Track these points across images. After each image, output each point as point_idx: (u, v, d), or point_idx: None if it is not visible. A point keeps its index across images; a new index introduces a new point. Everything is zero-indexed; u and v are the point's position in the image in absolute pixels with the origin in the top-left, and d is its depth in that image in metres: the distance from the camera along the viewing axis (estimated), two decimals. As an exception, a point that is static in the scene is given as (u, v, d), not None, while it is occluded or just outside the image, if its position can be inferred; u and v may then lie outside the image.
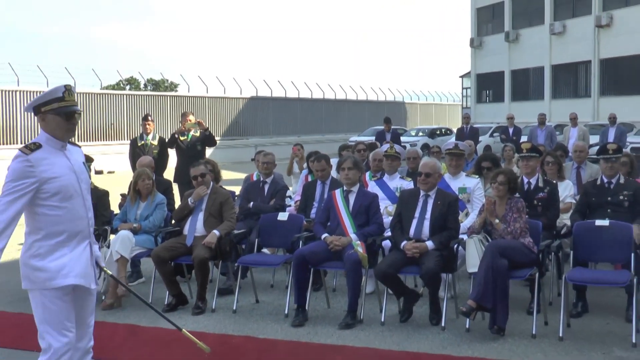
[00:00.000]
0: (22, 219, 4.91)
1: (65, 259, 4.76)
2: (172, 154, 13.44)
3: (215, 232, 8.55)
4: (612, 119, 22.15)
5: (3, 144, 29.78)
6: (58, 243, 4.75)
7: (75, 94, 5.06)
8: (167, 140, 13.44)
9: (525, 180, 8.73)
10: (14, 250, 12.52)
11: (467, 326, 7.44)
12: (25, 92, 30.90)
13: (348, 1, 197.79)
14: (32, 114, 4.91)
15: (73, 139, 5.01)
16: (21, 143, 29.93)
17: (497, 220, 7.62)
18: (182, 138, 13.15)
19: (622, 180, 8.47)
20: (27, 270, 4.78)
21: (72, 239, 4.82)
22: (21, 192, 4.59)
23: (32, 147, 4.69)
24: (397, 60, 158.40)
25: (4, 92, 30.32)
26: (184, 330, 5.78)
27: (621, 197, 8.29)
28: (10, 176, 4.62)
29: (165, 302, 8.51)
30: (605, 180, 8.47)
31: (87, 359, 5.08)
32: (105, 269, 5.38)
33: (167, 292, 8.61)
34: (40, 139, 4.80)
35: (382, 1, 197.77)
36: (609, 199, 8.34)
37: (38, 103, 4.81)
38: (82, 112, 4.87)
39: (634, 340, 6.83)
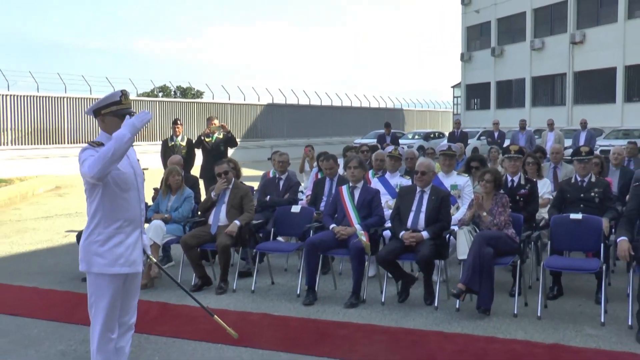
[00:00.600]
0: (84, 209, 5.02)
1: (121, 248, 4.81)
2: (199, 153, 13.48)
3: (236, 222, 8.57)
4: (583, 124, 22.17)
5: (51, 143, 29.84)
6: (115, 229, 4.80)
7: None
8: (194, 141, 13.49)
9: (509, 178, 8.73)
10: (61, 237, 12.67)
11: (457, 306, 7.46)
12: (71, 99, 30.97)
13: (356, 23, 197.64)
14: (92, 116, 4.94)
15: None
16: (67, 143, 30.05)
17: (484, 214, 7.64)
18: (207, 140, 13.20)
19: (593, 179, 8.51)
20: (87, 254, 4.82)
21: (128, 227, 4.86)
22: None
23: (97, 143, 4.75)
24: (396, 71, 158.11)
25: (53, 99, 30.38)
26: (215, 316, 5.80)
27: (592, 194, 8.34)
28: (86, 154, 4.62)
29: (192, 283, 8.54)
30: (579, 178, 8.50)
31: (130, 333, 5.12)
32: (150, 256, 5.41)
33: (194, 274, 8.64)
34: (101, 138, 4.85)
35: (383, 24, 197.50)
36: (582, 195, 8.36)
37: (98, 106, 4.87)
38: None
39: (602, 320, 6.87)
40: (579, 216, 7.74)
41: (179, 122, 13.36)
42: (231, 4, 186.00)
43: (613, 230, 7.75)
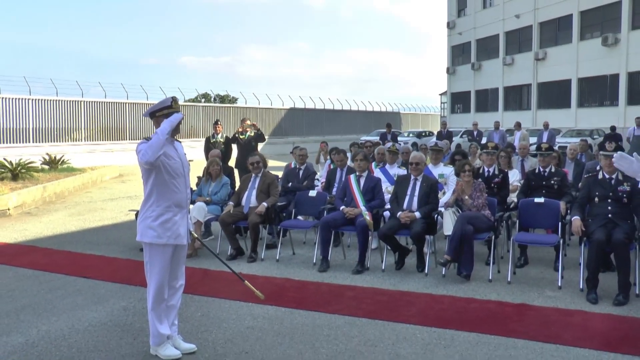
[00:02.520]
0: (141, 193, 5.05)
1: (169, 224, 4.85)
2: (234, 148, 13.49)
3: (264, 204, 8.55)
4: (546, 126, 22.05)
5: (115, 140, 29.96)
6: (165, 208, 4.84)
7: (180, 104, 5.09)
8: (230, 138, 13.49)
9: (486, 169, 8.67)
10: (123, 215, 12.69)
11: (443, 273, 7.42)
12: (132, 104, 31.03)
13: (362, 42, 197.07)
14: (148, 118, 4.97)
15: (178, 136, 5.06)
16: (128, 140, 30.17)
17: (465, 197, 7.59)
18: (241, 137, 13.21)
19: (553, 170, 8.52)
20: (142, 227, 4.88)
21: (176, 207, 4.89)
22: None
23: (149, 139, 4.75)
24: (395, 82, 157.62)
25: (117, 104, 30.46)
26: (245, 281, 5.77)
27: (552, 182, 8.38)
28: (143, 146, 4.67)
29: (229, 253, 8.52)
30: (541, 169, 8.50)
31: (178, 294, 5.12)
32: (192, 232, 5.40)
33: (230, 246, 8.62)
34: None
35: (385, 43, 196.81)
36: (544, 183, 8.39)
37: (153, 110, 4.92)
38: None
39: (559, 284, 6.89)
40: (541, 200, 7.78)
41: (219, 122, 13.39)
42: (259, 27, 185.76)
43: (568, 211, 7.71)
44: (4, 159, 17.25)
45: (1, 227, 11.28)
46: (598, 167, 7.32)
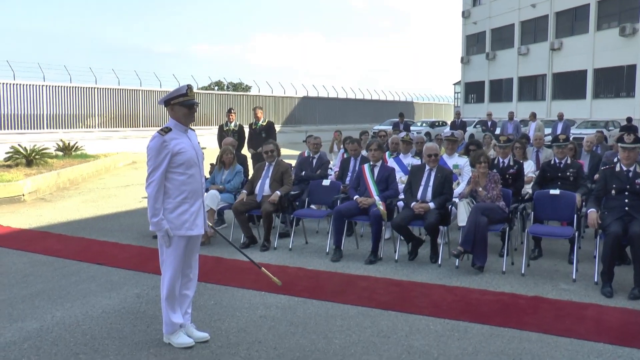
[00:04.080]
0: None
1: (186, 215, 4.83)
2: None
3: (278, 192, 8.54)
4: (560, 117, 21.86)
5: (129, 127, 30.04)
6: (182, 199, 4.82)
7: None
8: (245, 128, 13.46)
9: (501, 160, 8.63)
10: (136, 202, 12.73)
11: (456, 264, 7.40)
12: (145, 91, 31.08)
13: (377, 32, 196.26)
14: (163, 106, 4.94)
15: (192, 124, 5.05)
16: (142, 127, 30.26)
17: (480, 189, 7.56)
18: (254, 126, 13.21)
19: (569, 161, 8.46)
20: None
21: (192, 197, 4.88)
22: (160, 162, 4.70)
23: (165, 130, 4.79)
24: (408, 71, 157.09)
25: (130, 91, 30.52)
26: (262, 268, 5.77)
27: (568, 173, 8.31)
28: (151, 153, 4.73)
29: (241, 241, 8.53)
30: (557, 161, 8.44)
31: (192, 283, 5.13)
32: (207, 221, 5.39)
33: (243, 234, 8.62)
34: (169, 124, 4.87)
35: (399, 34, 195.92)
36: (559, 174, 8.33)
37: (168, 98, 4.88)
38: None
39: (574, 277, 6.84)
40: (556, 191, 7.71)
41: (232, 111, 13.36)
42: (272, 16, 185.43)
43: (584, 203, 7.66)
44: (19, 145, 17.34)
45: (16, 213, 11.36)
46: (615, 159, 7.26)
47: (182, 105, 4.84)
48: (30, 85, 25.97)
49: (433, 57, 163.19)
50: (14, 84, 25.31)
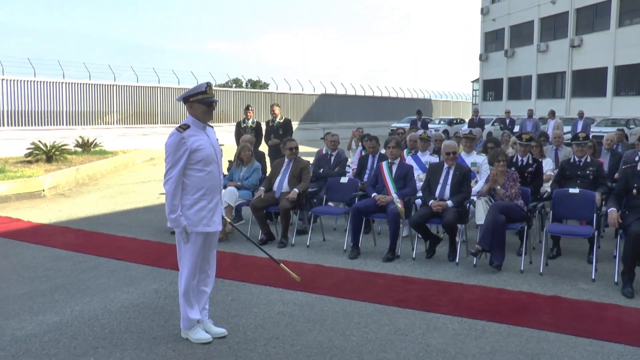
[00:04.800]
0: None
1: (204, 212, 4.85)
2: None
3: (296, 189, 8.55)
4: (580, 115, 21.65)
5: (147, 123, 30.20)
6: (200, 196, 4.84)
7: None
8: (262, 125, 13.47)
9: (519, 158, 8.57)
10: (154, 198, 12.80)
11: (474, 263, 7.37)
12: (163, 88, 31.20)
13: (395, 30, 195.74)
14: (182, 103, 4.97)
15: (210, 121, 5.08)
16: (159, 123, 30.43)
17: (498, 187, 7.52)
18: (271, 123, 13.22)
19: (588, 160, 8.41)
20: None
21: (209, 194, 4.89)
22: (178, 159, 4.72)
23: (184, 127, 4.81)
24: (426, 69, 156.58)
25: (149, 88, 30.64)
26: (281, 264, 5.79)
27: (587, 172, 8.25)
28: (169, 150, 4.76)
29: (259, 238, 8.55)
30: (576, 159, 8.38)
31: (210, 279, 5.15)
32: (225, 217, 5.42)
33: (260, 231, 8.65)
34: (188, 121, 4.89)
35: (417, 31, 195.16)
36: (579, 173, 8.26)
37: (187, 95, 4.89)
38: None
39: (593, 277, 6.78)
40: (576, 190, 7.65)
41: (250, 108, 13.39)
42: (289, 13, 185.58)
43: (604, 202, 7.60)
44: (39, 141, 17.52)
45: (36, 208, 11.48)
46: (637, 158, 7.19)
47: (200, 103, 4.86)
48: (50, 82, 26.19)
49: (451, 54, 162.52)
50: (34, 81, 25.54)
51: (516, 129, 21.33)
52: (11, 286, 6.55)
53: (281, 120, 13.25)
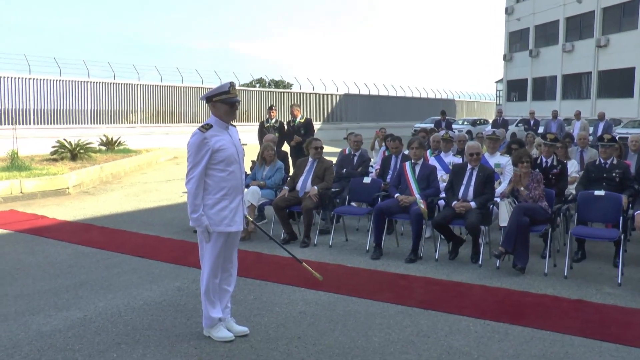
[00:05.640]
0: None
1: (226, 212, 4.87)
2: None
3: (315, 187, 8.61)
4: (601, 116, 21.40)
5: (170, 122, 30.41)
6: (222, 196, 4.86)
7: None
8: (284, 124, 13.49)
9: (544, 159, 8.49)
10: (177, 196, 12.90)
11: (497, 265, 7.32)
12: (187, 88, 31.41)
13: (419, 30, 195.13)
14: (205, 102, 5.00)
15: (233, 121, 5.11)
16: (183, 122, 30.63)
17: (522, 188, 7.47)
18: (292, 123, 13.23)
19: (614, 162, 8.28)
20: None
21: (231, 194, 4.90)
22: (200, 159, 4.75)
23: (206, 127, 4.84)
24: (450, 69, 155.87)
25: (172, 88, 30.85)
26: (303, 263, 5.81)
27: (614, 174, 8.12)
28: (191, 150, 4.79)
29: (281, 237, 8.57)
30: (602, 161, 8.27)
31: (232, 278, 5.18)
32: (247, 216, 5.45)
33: (283, 231, 8.67)
34: (210, 120, 4.92)
35: (441, 31, 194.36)
36: (605, 175, 8.14)
37: (211, 94, 4.93)
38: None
39: (619, 281, 6.69)
40: (601, 193, 7.56)
41: (273, 108, 13.45)
42: (312, 11, 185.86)
43: (630, 205, 7.52)
44: (64, 139, 17.73)
45: (61, 205, 11.62)
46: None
47: (223, 103, 4.88)
48: (75, 81, 26.48)
49: (475, 54, 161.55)
50: (60, 80, 25.85)
51: (540, 130, 21.15)
52: (36, 282, 6.65)
53: (302, 120, 13.27)
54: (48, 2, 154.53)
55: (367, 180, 9.05)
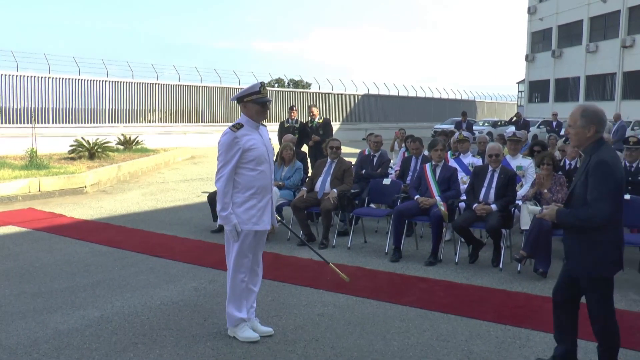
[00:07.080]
0: (213, 175, 5.15)
1: (253, 210, 4.93)
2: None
3: (334, 190, 8.60)
4: (617, 117, 21.19)
5: (188, 122, 30.56)
6: (251, 194, 4.91)
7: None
8: (304, 123, 13.50)
9: (567, 162, 8.44)
10: (195, 196, 12.95)
11: (518, 269, 7.26)
12: (205, 88, 31.53)
13: (438, 29, 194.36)
14: (236, 102, 5.06)
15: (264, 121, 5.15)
16: (201, 122, 30.77)
17: (545, 191, 7.42)
18: (310, 124, 13.24)
19: None
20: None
21: (260, 193, 4.96)
22: (230, 158, 4.82)
23: (237, 127, 4.91)
24: (471, 69, 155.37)
25: (190, 87, 31.01)
26: (330, 264, 5.81)
27: (639, 178, 7.98)
28: (222, 148, 4.86)
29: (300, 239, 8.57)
30: (627, 164, 8.21)
31: (258, 278, 5.21)
32: (277, 216, 5.47)
33: (301, 232, 8.67)
34: (241, 120, 4.98)
35: (461, 30, 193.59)
36: (630, 178, 8.10)
37: (242, 95, 5.00)
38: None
39: (645, 288, 6.57)
40: (627, 196, 7.40)
41: (294, 108, 13.48)
42: (331, 10, 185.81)
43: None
44: (82, 138, 17.88)
45: (78, 204, 11.71)
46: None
47: (255, 103, 4.94)
48: (94, 80, 26.74)
49: (497, 55, 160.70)
50: (78, 80, 26.13)
51: (563, 132, 20.98)
52: (54, 280, 6.71)
53: (320, 121, 13.28)
54: (68, 2, 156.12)
55: (386, 181, 9.04)
